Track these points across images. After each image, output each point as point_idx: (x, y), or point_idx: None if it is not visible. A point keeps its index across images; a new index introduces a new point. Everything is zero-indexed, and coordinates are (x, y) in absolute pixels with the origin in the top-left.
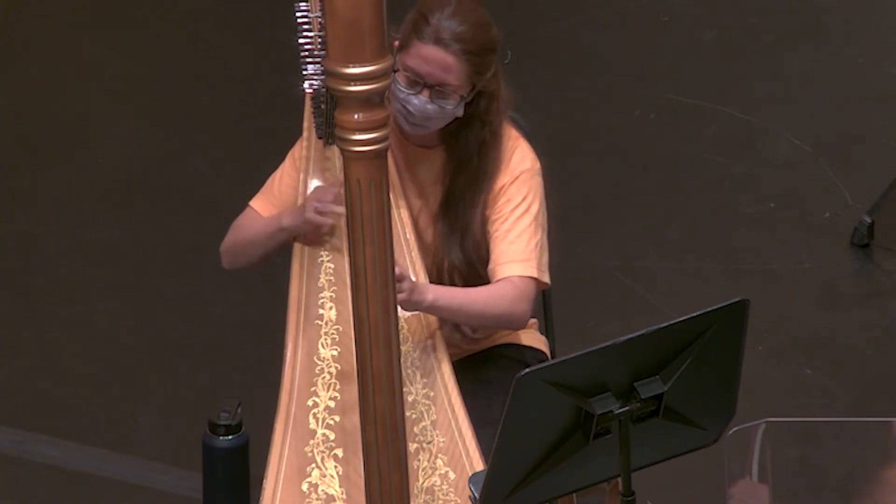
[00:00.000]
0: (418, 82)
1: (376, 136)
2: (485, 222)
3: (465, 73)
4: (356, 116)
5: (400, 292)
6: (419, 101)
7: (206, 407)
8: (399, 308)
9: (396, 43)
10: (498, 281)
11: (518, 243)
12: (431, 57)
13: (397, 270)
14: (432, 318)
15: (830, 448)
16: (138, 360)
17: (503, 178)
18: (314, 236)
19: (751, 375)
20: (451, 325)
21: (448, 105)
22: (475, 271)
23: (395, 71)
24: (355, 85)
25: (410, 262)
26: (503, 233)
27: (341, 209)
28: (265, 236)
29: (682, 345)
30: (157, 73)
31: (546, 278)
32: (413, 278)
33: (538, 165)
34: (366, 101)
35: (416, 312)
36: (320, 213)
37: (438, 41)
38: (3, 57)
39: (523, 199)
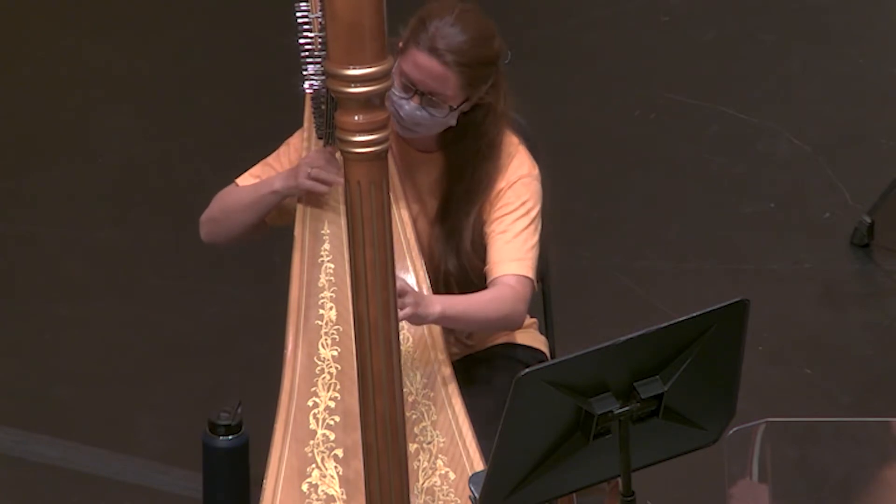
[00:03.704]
0: (411, 88)
1: (377, 137)
2: (479, 231)
3: (457, 85)
4: (356, 118)
5: (403, 307)
6: (409, 107)
7: (206, 407)
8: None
9: (401, 44)
10: (494, 281)
11: (514, 243)
12: (424, 65)
13: (399, 284)
14: None
15: (830, 448)
16: (138, 359)
17: (500, 183)
18: (311, 199)
19: (751, 375)
20: (446, 331)
21: (438, 113)
22: (469, 280)
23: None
24: (356, 87)
25: (411, 262)
26: (499, 233)
27: (334, 177)
28: (253, 200)
29: (682, 345)
30: (157, 73)
31: (535, 280)
32: (414, 283)
33: (536, 171)
34: (366, 102)
35: None
36: (314, 179)
37: (432, 50)
38: (3, 57)
39: (522, 204)
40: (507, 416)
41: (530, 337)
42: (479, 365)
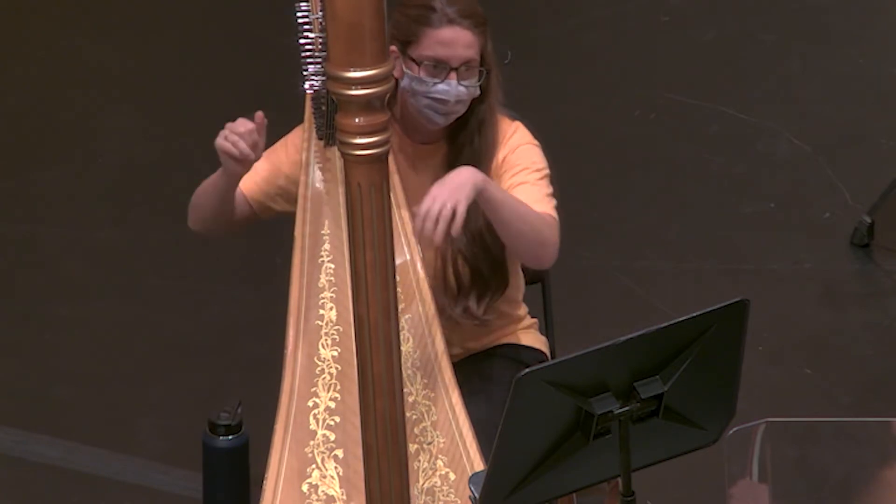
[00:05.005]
0: (443, 68)
1: (377, 139)
2: None
3: (479, 45)
4: (357, 120)
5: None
6: (450, 86)
7: (206, 407)
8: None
9: (393, 49)
10: None
11: (533, 189)
12: (451, 38)
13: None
14: (432, 316)
15: (830, 448)
16: (138, 359)
17: (504, 151)
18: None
19: (751, 375)
20: (461, 307)
21: (474, 82)
22: (480, 271)
23: (417, 64)
24: (356, 89)
25: (411, 262)
26: (516, 186)
27: (246, 150)
28: (211, 183)
29: (682, 345)
30: (157, 73)
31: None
32: (414, 283)
33: (538, 143)
34: (366, 104)
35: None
36: (230, 142)
37: (452, 21)
38: (3, 57)
39: (532, 163)
40: (507, 416)
41: (531, 337)
42: (480, 365)
